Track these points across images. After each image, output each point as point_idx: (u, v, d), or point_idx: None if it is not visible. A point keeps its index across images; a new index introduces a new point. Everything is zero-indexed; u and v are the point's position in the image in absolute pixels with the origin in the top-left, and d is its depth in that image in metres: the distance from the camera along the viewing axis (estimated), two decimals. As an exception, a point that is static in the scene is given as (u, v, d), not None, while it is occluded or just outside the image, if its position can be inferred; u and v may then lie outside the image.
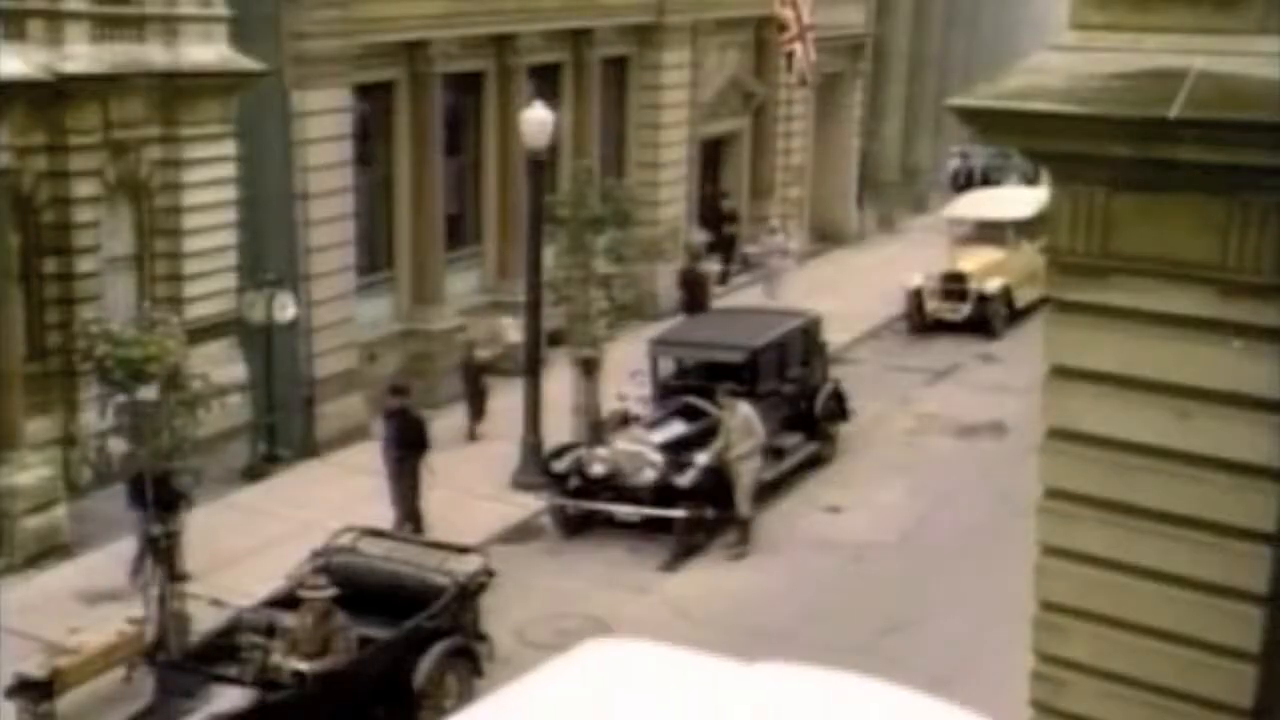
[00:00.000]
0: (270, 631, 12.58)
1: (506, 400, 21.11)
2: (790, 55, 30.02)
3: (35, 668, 13.03)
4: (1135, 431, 5.96)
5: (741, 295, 28.99)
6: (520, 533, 18.11)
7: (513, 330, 23.06)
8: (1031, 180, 32.42)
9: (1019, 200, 28.51)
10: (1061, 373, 6.18)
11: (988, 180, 38.29)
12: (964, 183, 38.52)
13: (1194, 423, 5.82)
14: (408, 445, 17.53)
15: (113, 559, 16.18)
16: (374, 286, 22.98)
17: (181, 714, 11.80)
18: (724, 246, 30.54)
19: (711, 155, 31.46)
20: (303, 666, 12.00)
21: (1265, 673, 5.97)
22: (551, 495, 18.16)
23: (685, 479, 17.49)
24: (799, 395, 20.30)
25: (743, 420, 17.74)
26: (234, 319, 19.94)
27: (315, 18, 20.24)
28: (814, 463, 20.29)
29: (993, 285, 27.52)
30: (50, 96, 17.23)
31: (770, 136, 32.59)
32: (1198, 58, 5.42)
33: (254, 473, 19.48)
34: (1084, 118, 5.56)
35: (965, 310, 27.49)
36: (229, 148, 19.79)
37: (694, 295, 27.46)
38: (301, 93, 20.32)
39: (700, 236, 29.39)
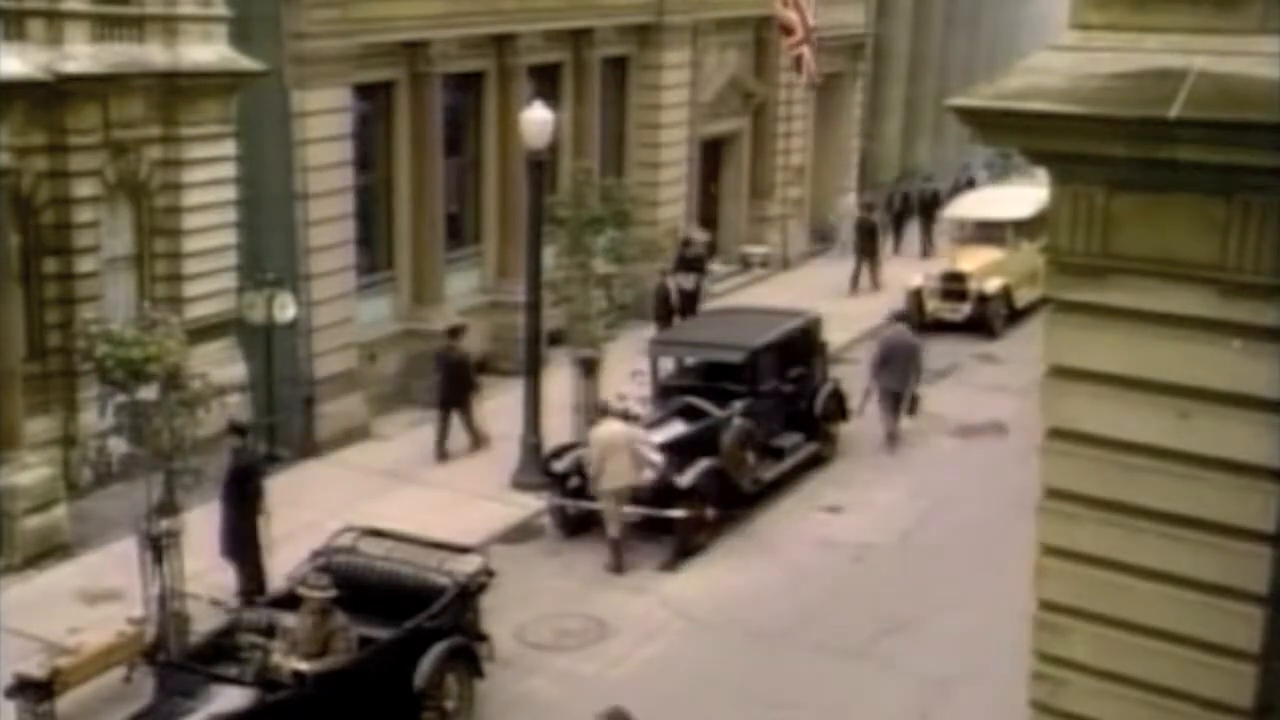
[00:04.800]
0: (270, 631, 12.58)
1: (506, 400, 21.12)
2: (799, 59, 30.03)
3: (35, 668, 13.03)
4: (1135, 431, 5.96)
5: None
6: (520, 533, 18.11)
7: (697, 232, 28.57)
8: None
9: (1019, 200, 28.52)
10: (1061, 373, 6.18)
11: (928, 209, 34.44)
12: (900, 209, 35.39)
13: (1194, 423, 5.82)
14: (243, 494, 15.52)
15: (113, 559, 16.18)
16: (374, 286, 22.99)
17: (181, 714, 11.80)
18: (688, 300, 26.69)
19: (711, 155, 31.45)
20: (303, 666, 12.00)
21: (1265, 673, 5.97)
22: (551, 495, 18.16)
23: (685, 479, 17.49)
24: (799, 395, 20.31)
25: (609, 439, 17.12)
26: (234, 319, 19.95)
27: (315, 18, 20.24)
28: (814, 463, 20.29)
29: (993, 285, 27.54)
30: (50, 96, 17.24)
31: (770, 136, 32.59)
32: (1198, 58, 5.42)
33: (254, 473, 19.45)
34: (1084, 118, 5.56)
35: (965, 310, 27.51)
36: (229, 148, 19.80)
37: (867, 240, 30.69)
38: (301, 93, 20.32)
39: (701, 236, 29.34)
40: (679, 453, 17.83)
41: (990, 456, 20.65)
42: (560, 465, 18.21)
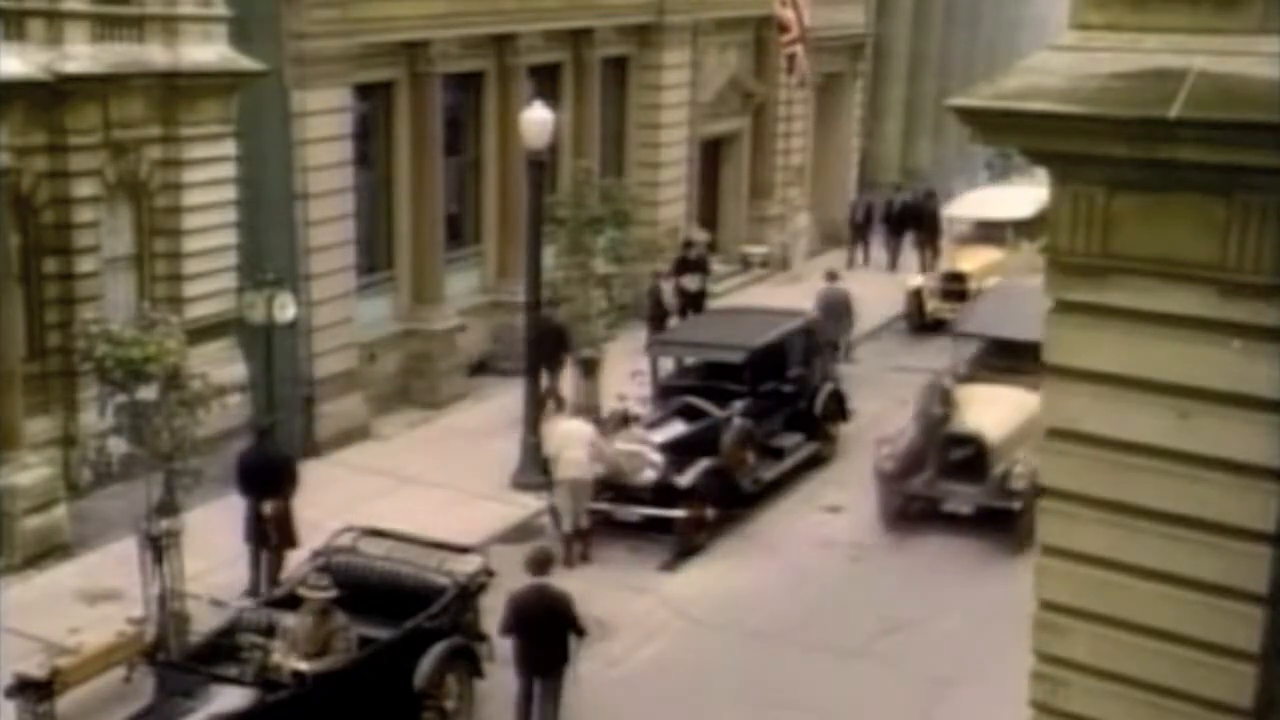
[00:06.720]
0: (270, 631, 12.58)
1: (506, 400, 21.14)
2: (792, 58, 30.08)
3: (35, 668, 13.03)
4: (1135, 431, 5.96)
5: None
6: (520, 533, 18.10)
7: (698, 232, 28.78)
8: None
9: (1019, 200, 28.52)
10: (1061, 373, 6.18)
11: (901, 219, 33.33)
12: (863, 220, 33.95)
13: (1194, 423, 5.82)
14: (267, 488, 15.73)
15: (112, 559, 16.18)
16: (374, 286, 22.99)
17: (181, 714, 11.81)
18: (693, 301, 26.38)
19: (711, 155, 31.45)
20: (303, 666, 12.00)
21: (1265, 673, 5.97)
22: (551, 495, 18.16)
23: (685, 479, 17.49)
24: (799, 395, 20.31)
25: (566, 432, 17.58)
26: (234, 319, 19.93)
27: (315, 18, 20.24)
28: (814, 463, 20.29)
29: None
30: (50, 96, 17.23)
31: (770, 136, 32.59)
32: (1198, 58, 5.42)
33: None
34: (1084, 118, 5.56)
35: (965, 310, 27.49)
36: (229, 148, 19.80)
37: (928, 227, 31.95)
38: (301, 93, 20.32)
39: (701, 236, 29.32)
40: (679, 453, 17.85)
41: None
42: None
